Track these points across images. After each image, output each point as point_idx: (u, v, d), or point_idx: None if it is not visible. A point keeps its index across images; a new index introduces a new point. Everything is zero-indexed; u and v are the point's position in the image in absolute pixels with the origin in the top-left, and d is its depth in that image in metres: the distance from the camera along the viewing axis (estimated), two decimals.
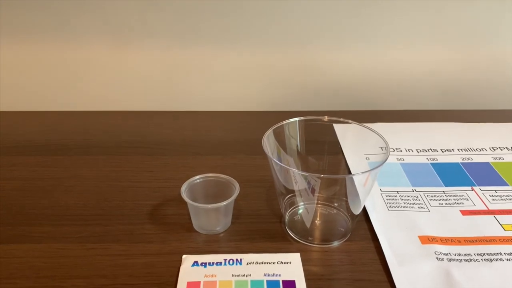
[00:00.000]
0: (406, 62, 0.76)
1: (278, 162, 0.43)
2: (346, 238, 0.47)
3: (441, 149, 0.61)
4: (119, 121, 0.71)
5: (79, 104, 0.76)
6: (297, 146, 0.50)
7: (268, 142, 0.46)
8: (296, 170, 0.44)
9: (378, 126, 0.66)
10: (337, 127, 0.52)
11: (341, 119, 0.50)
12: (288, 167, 0.44)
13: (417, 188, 0.53)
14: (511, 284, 0.41)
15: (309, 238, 0.46)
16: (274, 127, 0.48)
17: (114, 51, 0.73)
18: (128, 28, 0.72)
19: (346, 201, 0.47)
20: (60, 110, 0.75)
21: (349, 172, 0.54)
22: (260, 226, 0.48)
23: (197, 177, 0.48)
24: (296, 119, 0.49)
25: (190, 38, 0.73)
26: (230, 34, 0.73)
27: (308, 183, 0.45)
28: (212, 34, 0.73)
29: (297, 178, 0.45)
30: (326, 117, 0.50)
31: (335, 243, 0.46)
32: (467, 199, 0.51)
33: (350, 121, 0.50)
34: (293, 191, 0.46)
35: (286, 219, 0.48)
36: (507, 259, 0.43)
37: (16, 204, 0.51)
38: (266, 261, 0.43)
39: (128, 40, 0.73)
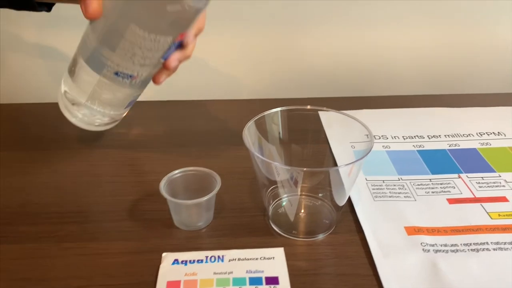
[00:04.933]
0: (392, 47, 0.75)
1: (260, 156, 0.42)
2: (331, 231, 0.46)
3: (427, 136, 0.60)
4: None
5: (53, 95, 0.73)
6: (280, 136, 0.49)
7: (249, 133, 0.45)
8: (278, 164, 0.43)
9: (364, 113, 0.66)
10: (323, 115, 0.51)
11: (324, 108, 0.48)
12: (269, 161, 0.42)
13: (403, 177, 0.52)
14: (497, 274, 0.40)
15: (293, 232, 0.45)
16: (256, 118, 0.46)
17: None
18: None
19: (331, 191, 0.46)
20: (34, 102, 0.72)
21: (334, 161, 0.53)
22: (243, 220, 0.47)
23: (177, 171, 0.47)
24: (278, 109, 0.47)
25: None
26: (211, 20, 0.71)
27: (291, 174, 0.44)
28: None
29: (279, 170, 0.43)
30: (308, 106, 0.48)
31: (320, 236, 0.45)
32: (454, 187, 0.51)
33: (332, 110, 0.48)
34: (276, 182, 0.45)
35: (270, 212, 0.47)
36: (494, 249, 0.42)
37: None
38: (249, 257, 0.42)
39: None
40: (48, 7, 0.54)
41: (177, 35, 0.47)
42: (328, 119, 0.52)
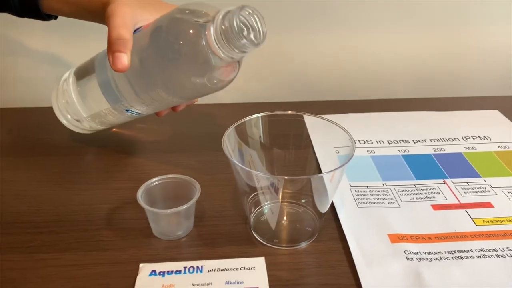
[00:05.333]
0: (378, 51, 0.74)
1: (239, 164, 0.41)
2: (314, 238, 0.45)
3: (413, 140, 0.59)
4: None
5: (32, 99, 0.72)
6: (261, 141, 0.48)
7: (229, 140, 0.44)
8: (257, 172, 0.42)
9: (349, 117, 0.65)
10: (307, 119, 0.50)
11: (305, 113, 0.47)
12: (249, 170, 0.41)
13: (388, 182, 0.52)
14: (481, 283, 0.39)
15: (275, 240, 0.44)
16: (236, 124, 0.45)
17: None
18: None
19: (313, 198, 0.45)
20: (7, 106, 0.70)
21: (318, 166, 0.52)
22: (224, 229, 0.46)
23: (155, 179, 0.45)
24: (259, 115, 0.46)
25: None
26: None
27: (272, 182, 0.43)
28: None
29: (259, 178, 0.42)
30: (289, 111, 0.47)
31: (303, 244, 0.44)
32: (439, 193, 0.50)
33: (313, 115, 0.47)
34: (257, 189, 0.44)
35: (251, 220, 0.46)
36: (478, 256, 0.42)
37: None
38: (229, 268, 0.40)
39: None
40: (56, 15, 0.55)
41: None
42: (313, 123, 0.51)
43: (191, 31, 0.42)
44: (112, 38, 0.43)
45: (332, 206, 0.48)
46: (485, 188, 0.50)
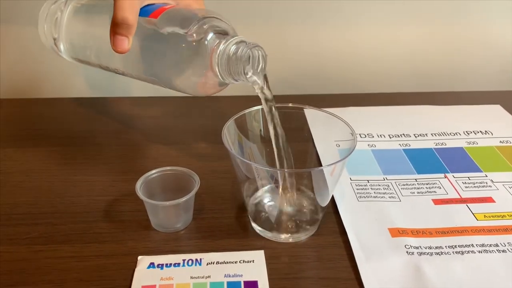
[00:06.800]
0: (380, 44, 0.73)
1: (239, 157, 0.40)
2: (314, 232, 0.44)
3: (414, 134, 0.59)
4: (73, 109, 0.67)
5: (29, 90, 0.71)
6: (262, 134, 0.47)
7: (229, 132, 0.43)
8: (257, 165, 0.41)
9: (350, 111, 0.65)
10: (308, 113, 0.49)
11: (306, 106, 0.47)
12: (249, 162, 0.41)
13: (389, 176, 0.51)
14: (482, 278, 0.39)
15: (275, 233, 0.43)
16: (235, 116, 0.44)
17: None
18: None
19: (313, 191, 0.45)
20: (5, 98, 0.69)
21: (318, 159, 0.51)
22: (223, 221, 0.45)
23: (154, 171, 0.45)
24: (259, 107, 0.46)
25: None
26: None
27: (272, 175, 0.43)
28: None
29: (259, 171, 0.42)
30: (290, 104, 0.47)
31: (302, 238, 0.44)
32: (440, 187, 0.49)
33: (315, 108, 0.47)
34: (257, 182, 0.43)
35: (251, 213, 0.46)
36: (479, 251, 0.41)
37: None
38: (228, 261, 0.40)
39: None
40: None
41: None
42: (313, 116, 0.51)
43: (198, 37, 0.42)
44: (117, 19, 0.42)
45: (333, 199, 0.47)
46: (487, 183, 0.50)
